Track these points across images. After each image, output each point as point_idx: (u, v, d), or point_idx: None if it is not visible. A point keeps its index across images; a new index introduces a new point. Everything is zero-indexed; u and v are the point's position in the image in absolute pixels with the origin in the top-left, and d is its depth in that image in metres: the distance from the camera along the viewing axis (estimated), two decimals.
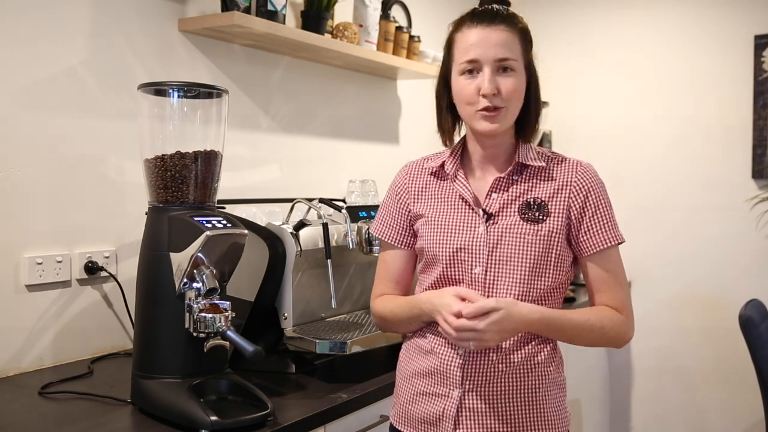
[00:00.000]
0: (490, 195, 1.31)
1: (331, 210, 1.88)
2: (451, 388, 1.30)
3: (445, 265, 1.32)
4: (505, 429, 1.28)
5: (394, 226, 1.43)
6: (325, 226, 1.70)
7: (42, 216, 1.71)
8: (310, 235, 1.72)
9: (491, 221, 1.29)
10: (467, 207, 1.32)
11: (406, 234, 1.42)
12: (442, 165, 1.38)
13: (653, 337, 3.26)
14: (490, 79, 1.25)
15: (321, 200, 1.83)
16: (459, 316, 1.21)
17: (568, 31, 3.44)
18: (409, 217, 1.41)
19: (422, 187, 1.40)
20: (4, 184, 1.64)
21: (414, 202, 1.40)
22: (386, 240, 1.44)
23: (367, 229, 1.80)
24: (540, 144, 3.16)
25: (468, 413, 1.29)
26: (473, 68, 1.27)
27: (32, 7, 1.68)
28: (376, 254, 1.80)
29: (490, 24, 1.28)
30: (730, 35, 3.06)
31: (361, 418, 1.58)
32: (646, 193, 3.26)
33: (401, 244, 1.43)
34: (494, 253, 1.28)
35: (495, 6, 1.31)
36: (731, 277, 3.07)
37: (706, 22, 3.12)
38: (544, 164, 1.31)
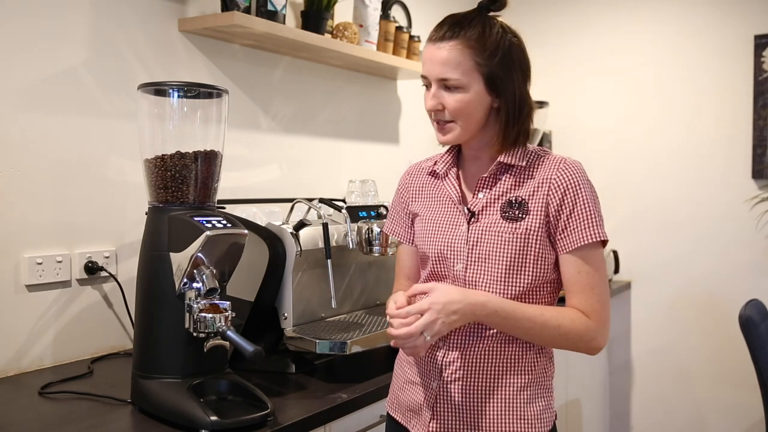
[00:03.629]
0: (477, 194, 1.33)
1: (331, 210, 1.88)
2: (432, 378, 1.33)
3: (433, 262, 1.35)
4: (479, 423, 1.29)
5: (401, 223, 1.48)
6: (325, 226, 1.70)
7: (42, 216, 1.71)
8: (310, 235, 1.72)
9: (474, 219, 1.31)
10: (454, 206, 1.35)
11: (411, 231, 1.46)
12: (436, 163, 1.40)
13: (653, 337, 3.26)
14: (431, 96, 1.29)
15: (321, 200, 1.83)
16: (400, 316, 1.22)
17: (567, 32, 3.44)
18: (410, 216, 1.45)
19: (420, 187, 1.43)
20: (4, 184, 1.64)
21: (412, 201, 1.44)
22: (396, 237, 1.49)
23: (368, 229, 1.80)
24: (540, 144, 3.16)
25: (444, 404, 1.31)
26: (426, 84, 1.31)
27: (32, 8, 1.68)
28: (376, 254, 1.81)
29: (438, 41, 1.27)
30: (730, 35, 3.06)
31: (361, 418, 1.58)
32: (646, 192, 3.26)
33: (408, 241, 1.47)
34: (473, 251, 1.29)
35: (450, 18, 1.29)
36: (731, 277, 3.07)
37: (706, 22, 3.12)
38: (525, 164, 1.30)
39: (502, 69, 1.26)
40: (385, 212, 1.91)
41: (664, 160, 3.22)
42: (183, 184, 1.41)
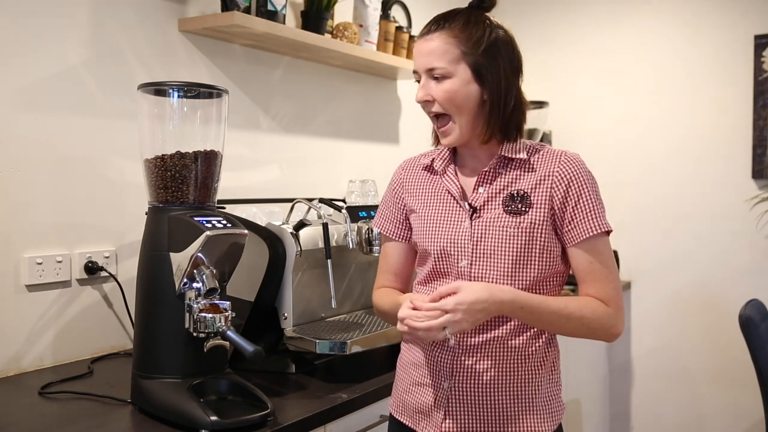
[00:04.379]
0: (477, 189, 1.33)
1: (331, 210, 1.88)
2: (442, 379, 1.33)
3: (434, 259, 1.34)
4: (493, 419, 1.29)
5: (392, 219, 1.46)
6: (325, 226, 1.70)
7: (42, 216, 1.71)
8: (310, 235, 1.72)
9: (476, 215, 1.31)
10: (454, 202, 1.34)
11: (403, 227, 1.45)
12: (434, 161, 1.40)
13: (653, 337, 3.26)
14: (421, 86, 1.31)
15: (321, 200, 1.83)
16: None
17: (568, 31, 3.44)
18: (404, 211, 1.44)
19: (416, 182, 1.43)
20: (4, 184, 1.64)
21: (408, 197, 1.43)
22: (385, 233, 1.48)
23: (368, 229, 1.80)
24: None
25: (457, 404, 1.31)
26: (418, 79, 1.34)
27: (32, 7, 1.68)
28: (376, 254, 1.80)
29: (426, 34, 1.31)
30: (730, 35, 3.06)
31: (361, 418, 1.58)
32: (646, 192, 3.26)
33: (399, 237, 1.46)
34: (478, 247, 1.29)
35: (437, 15, 1.33)
36: (731, 277, 3.07)
37: (706, 22, 3.12)
38: (525, 156, 1.31)
39: (487, 58, 1.28)
40: None
41: (663, 160, 3.22)
42: (183, 184, 1.41)
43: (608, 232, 1.29)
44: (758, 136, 3.00)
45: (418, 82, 1.34)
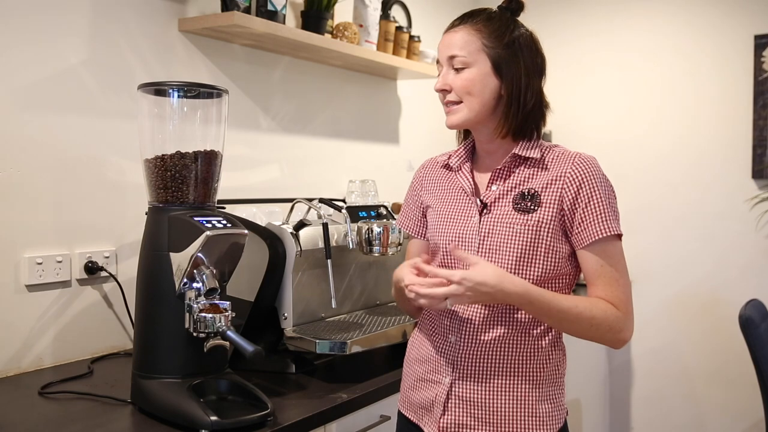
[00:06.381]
0: (490, 186, 1.34)
1: (331, 210, 1.88)
2: (444, 375, 1.34)
3: (443, 254, 1.36)
4: (491, 419, 1.29)
5: (412, 217, 1.50)
6: (325, 226, 1.70)
7: (42, 216, 1.71)
8: (310, 235, 1.72)
9: (486, 211, 1.32)
10: (467, 198, 1.36)
11: (422, 225, 1.48)
12: (450, 157, 1.42)
13: (653, 337, 3.26)
14: (442, 75, 1.34)
15: (321, 200, 1.83)
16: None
17: (567, 31, 3.44)
18: (422, 209, 1.47)
19: (434, 180, 1.45)
20: (4, 184, 1.64)
21: (426, 194, 1.46)
22: (407, 231, 1.51)
23: (367, 229, 1.80)
24: None
25: (456, 400, 1.32)
26: (440, 71, 1.36)
27: (32, 7, 1.68)
28: (376, 254, 1.81)
29: (453, 28, 1.35)
30: (730, 35, 3.06)
31: (361, 418, 1.58)
32: (646, 192, 3.26)
33: (419, 235, 1.49)
34: (485, 243, 1.30)
35: (467, 12, 1.36)
36: (731, 277, 3.07)
37: (706, 22, 3.12)
38: (539, 155, 1.31)
39: (508, 54, 1.30)
40: (385, 212, 1.91)
41: (663, 160, 3.22)
42: (183, 184, 1.41)
43: (619, 236, 1.28)
44: (758, 136, 3.00)
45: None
